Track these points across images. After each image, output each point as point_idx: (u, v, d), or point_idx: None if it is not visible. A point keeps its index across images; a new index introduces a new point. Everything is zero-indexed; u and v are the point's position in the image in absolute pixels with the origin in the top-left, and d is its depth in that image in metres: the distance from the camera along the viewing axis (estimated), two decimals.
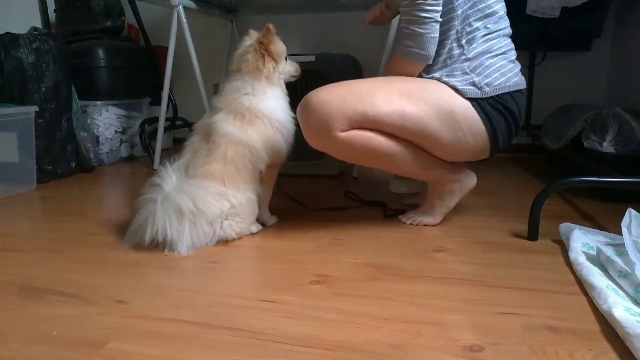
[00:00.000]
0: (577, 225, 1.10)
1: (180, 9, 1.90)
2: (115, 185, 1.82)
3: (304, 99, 1.11)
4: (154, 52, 2.43)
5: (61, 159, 1.89)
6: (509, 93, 1.11)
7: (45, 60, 1.80)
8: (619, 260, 0.85)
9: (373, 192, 1.60)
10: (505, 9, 1.14)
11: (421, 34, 1.07)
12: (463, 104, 1.09)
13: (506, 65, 1.11)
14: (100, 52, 2.14)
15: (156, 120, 2.22)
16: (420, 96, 1.08)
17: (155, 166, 2.08)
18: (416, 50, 1.09)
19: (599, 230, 1.10)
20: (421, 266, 0.98)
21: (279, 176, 1.28)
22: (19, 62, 1.74)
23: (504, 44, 1.12)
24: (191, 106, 2.74)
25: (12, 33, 1.77)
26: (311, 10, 2.38)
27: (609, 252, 0.90)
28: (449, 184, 1.22)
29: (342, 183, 1.75)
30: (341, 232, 1.20)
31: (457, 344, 0.69)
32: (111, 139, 2.23)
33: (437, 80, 1.12)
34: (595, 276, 0.85)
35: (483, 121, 1.10)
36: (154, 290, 0.89)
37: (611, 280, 0.84)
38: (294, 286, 0.89)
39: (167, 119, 2.31)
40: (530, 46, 2.14)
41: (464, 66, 1.10)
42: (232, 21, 2.47)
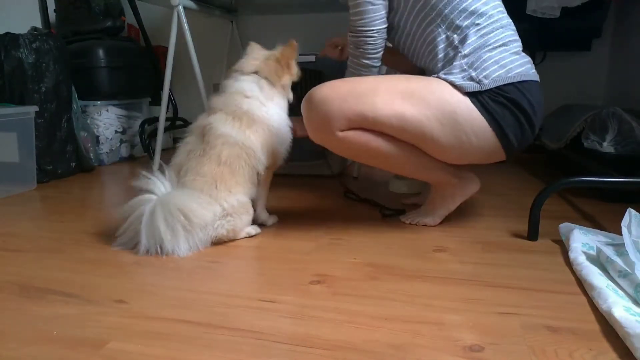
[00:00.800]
0: (577, 225, 1.10)
1: (180, 9, 1.90)
2: (115, 185, 1.82)
3: (308, 93, 1.12)
4: (154, 52, 2.43)
5: (61, 159, 1.89)
6: (513, 84, 1.06)
7: (46, 60, 1.80)
8: (618, 260, 0.85)
9: (372, 192, 1.60)
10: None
11: (366, 71, 1.22)
12: (464, 104, 1.07)
13: (507, 57, 1.08)
14: (100, 52, 2.14)
15: (156, 120, 2.22)
16: (423, 98, 1.07)
17: (156, 166, 2.08)
18: (364, 72, 1.23)
19: (599, 230, 1.10)
20: (421, 266, 0.98)
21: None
22: (19, 62, 1.74)
23: (502, 35, 1.09)
24: (191, 106, 2.74)
25: (12, 33, 1.77)
26: (311, 10, 2.38)
27: (609, 252, 0.90)
28: (451, 187, 1.22)
29: (342, 183, 1.75)
30: (341, 232, 1.20)
31: (457, 344, 0.69)
32: (111, 139, 2.23)
33: (437, 77, 1.11)
34: (595, 276, 0.85)
35: (486, 119, 1.07)
36: (154, 290, 0.89)
37: (611, 280, 0.84)
38: (294, 286, 0.89)
39: (167, 119, 2.32)
40: (530, 46, 2.14)
41: (462, 63, 1.08)
42: (232, 21, 2.48)
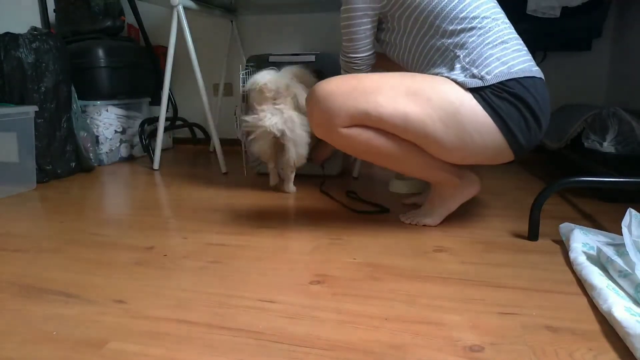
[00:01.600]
0: (577, 225, 1.10)
1: (180, 8, 1.90)
2: (115, 185, 1.82)
3: (313, 87, 1.13)
4: (154, 52, 2.43)
5: (61, 159, 1.89)
6: (515, 79, 1.05)
7: (45, 60, 1.80)
8: (619, 260, 0.85)
9: (373, 192, 1.60)
10: None
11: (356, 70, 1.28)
12: (468, 102, 1.06)
13: (508, 54, 1.08)
14: (100, 52, 2.14)
15: (156, 120, 2.22)
16: (427, 96, 1.06)
17: (155, 166, 2.08)
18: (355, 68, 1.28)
19: (599, 230, 1.10)
20: (421, 266, 0.98)
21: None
22: (18, 62, 1.74)
23: (501, 34, 1.09)
24: (191, 106, 2.75)
25: (11, 33, 1.77)
26: (311, 10, 2.38)
27: (609, 252, 0.90)
28: (452, 187, 1.22)
29: (344, 183, 1.75)
30: (341, 232, 1.20)
31: (457, 344, 0.69)
32: (111, 139, 2.23)
33: (441, 76, 1.11)
34: (595, 276, 0.85)
35: (490, 116, 1.05)
36: (154, 290, 0.89)
37: (611, 280, 0.84)
38: (294, 286, 0.89)
39: (167, 119, 2.32)
40: (530, 46, 2.13)
41: (464, 63, 1.08)
42: (232, 21, 2.47)
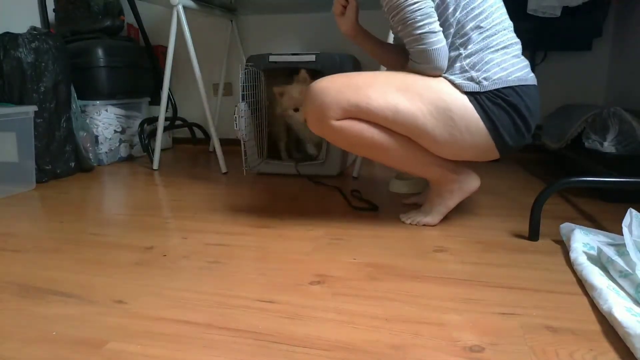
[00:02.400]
0: (578, 225, 1.10)
1: (180, 8, 1.90)
2: (114, 185, 1.82)
3: (309, 86, 1.16)
4: (154, 52, 2.42)
5: (60, 159, 1.89)
6: (511, 87, 1.08)
7: (45, 60, 1.80)
8: (619, 261, 0.85)
9: (373, 192, 1.60)
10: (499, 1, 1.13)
11: (423, 50, 1.08)
12: (461, 101, 1.08)
13: (508, 60, 1.09)
14: (100, 52, 2.14)
15: (156, 120, 2.22)
16: (418, 92, 1.08)
17: (155, 166, 2.08)
18: (424, 65, 1.10)
19: (600, 230, 1.10)
20: (421, 266, 0.98)
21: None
22: (18, 62, 1.74)
23: (504, 38, 1.10)
24: (191, 106, 2.75)
25: (11, 33, 1.76)
26: (311, 10, 2.38)
27: (610, 252, 0.90)
28: (449, 184, 1.22)
29: (343, 183, 1.75)
30: (341, 232, 1.20)
31: (457, 344, 0.69)
32: (110, 139, 2.23)
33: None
34: (595, 276, 0.85)
35: (482, 118, 1.08)
36: (154, 290, 0.89)
37: (612, 281, 0.84)
38: (294, 286, 0.89)
39: (167, 119, 2.32)
40: (531, 46, 2.14)
41: (464, 64, 1.09)
42: (232, 21, 2.47)
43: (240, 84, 1.73)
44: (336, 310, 0.79)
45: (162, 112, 2.08)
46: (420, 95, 1.08)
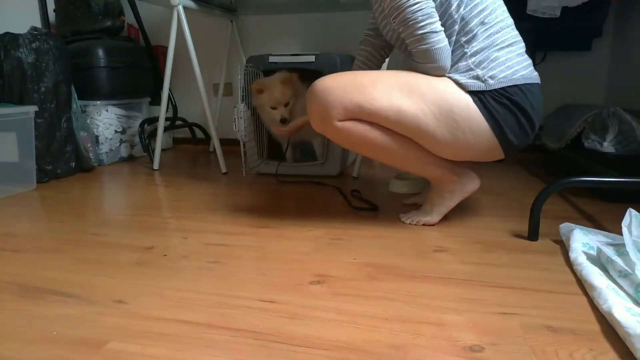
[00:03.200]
0: (578, 225, 1.10)
1: (180, 8, 1.90)
2: (115, 185, 1.82)
3: (312, 84, 1.16)
4: (154, 52, 2.43)
5: (61, 159, 1.89)
6: (517, 86, 1.08)
7: (45, 60, 1.80)
8: (619, 260, 0.85)
9: (373, 192, 1.60)
10: None
11: (426, 49, 1.08)
12: (465, 102, 1.08)
13: (513, 58, 1.09)
14: (100, 52, 2.14)
15: (156, 120, 2.22)
16: (422, 93, 1.08)
17: (155, 166, 2.08)
18: (428, 65, 1.10)
19: (599, 230, 1.10)
20: (421, 266, 0.98)
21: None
22: (18, 62, 1.74)
23: (508, 36, 1.10)
24: (191, 106, 2.75)
25: (11, 33, 1.77)
26: (311, 10, 2.38)
27: (610, 252, 0.90)
28: (449, 183, 1.22)
29: (343, 183, 1.75)
30: (341, 232, 1.20)
31: (457, 344, 0.69)
32: (111, 139, 2.23)
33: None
34: (595, 276, 0.85)
35: (485, 118, 1.08)
36: (154, 290, 0.89)
37: (611, 281, 0.84)
38: (294, 286, 0.89)
39: (167, 119, 2.32)
40: (531, 46, 2.13)
41: (469, 62, 1.09)
42: (232, 21, 2.47)
43: (239, 85, 1.73)
44: (336, 310, 0.79)
45: (163, 112, 2.08)
46: (423, 96, 1.08)
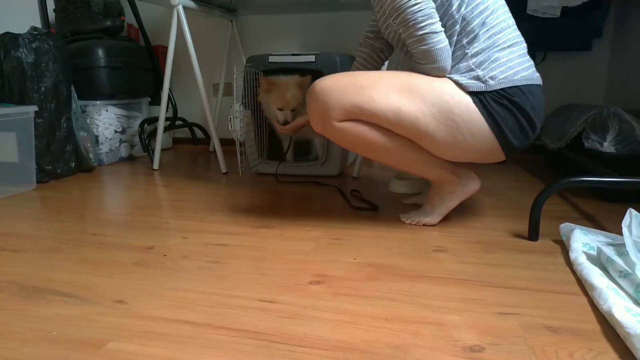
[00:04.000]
0: (578, 225, 1.10)
1: (180, 8, 1.90)
2: (115, 185, 1.82)
3: (312, 85, 1.16)
4: (154, 52, 2.43)
5: (61, 159, 1.89)
6: (517, 87, 1.07)
7: (45, 60, 1.80)
8: (619, 260, 0.85)
9: (373, 192, 1.60)
10: None
11: (426, 50, 1.08)
12: (465, 103, 1.07)
13: (514, 59, 1.09)
14: (100, 52, 2.14)
15: (156, 120, 2.22)
16: (421, 94, 1.08)
17: (155, 166, 2.08)
18: (429, 66, 1.10)
19: (600, 230, 1.10)
20: (421, 266, 0.98)
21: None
22: (18, 62, 1.74)
23: (510, 36, 1.10)
24: (191, 106, 2.75)
25: (11, 33, 1.77)
26: (311, 10, 2.38)
27: (610, 252, 0.90)
28: (449, 184, 1.22)
29: (343, 183, 1.75)
30: (341, 232, 1.20)
31: (457, 344, 0.69)
32: (111, 139, 2.23)
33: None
34: (595, 276, 0.85)
35: (485, 119, 1.07)
36: (154, 290, 0.89)
37: (612, 281, 0.84)
38: (294, 286, 0.89)
39: (167, 119, 2.32)
40: (531, 46, 2.13)
41: (470, 63, 1.09)
42: (232, 21, 2.47)
43: (235, 86, 1.73)
44: (336, 310, 0.79)
45: (163, 112, 2.08)
46: (423, 97, 1.08)
